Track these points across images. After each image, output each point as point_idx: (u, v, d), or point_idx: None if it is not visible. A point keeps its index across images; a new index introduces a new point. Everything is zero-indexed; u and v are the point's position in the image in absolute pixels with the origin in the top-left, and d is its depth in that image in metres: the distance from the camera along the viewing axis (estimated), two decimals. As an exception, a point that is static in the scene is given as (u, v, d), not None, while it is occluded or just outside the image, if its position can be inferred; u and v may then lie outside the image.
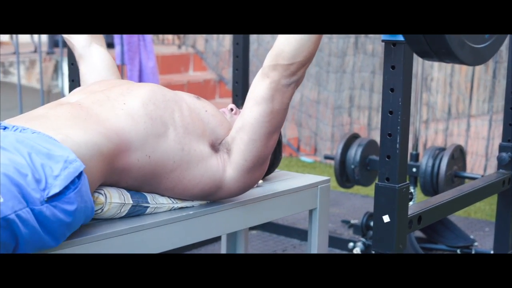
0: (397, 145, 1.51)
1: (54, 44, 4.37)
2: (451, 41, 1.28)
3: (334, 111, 4.77)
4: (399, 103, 1.50)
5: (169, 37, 5.70)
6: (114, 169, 1.45)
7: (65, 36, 1.91)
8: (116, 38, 3.78)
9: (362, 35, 4.63)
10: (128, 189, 1.53)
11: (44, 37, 4.37)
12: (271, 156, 1.87)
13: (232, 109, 1.81)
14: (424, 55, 1.37)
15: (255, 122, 1.58)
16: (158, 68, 4.78)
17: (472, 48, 1.37)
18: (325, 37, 4.71)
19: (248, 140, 1.59)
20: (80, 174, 1.29)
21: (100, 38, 1.91)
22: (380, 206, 1.55)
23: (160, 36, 5.73)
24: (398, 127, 1.51)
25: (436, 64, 4.64)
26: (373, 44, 4.58)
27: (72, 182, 1.26)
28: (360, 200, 3.76)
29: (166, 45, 5.67)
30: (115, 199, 1.48)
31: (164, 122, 1.52)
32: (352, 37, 4.68)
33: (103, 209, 1.46)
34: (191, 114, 1.58)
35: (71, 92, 1.64)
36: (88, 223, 1.42)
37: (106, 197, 1.46)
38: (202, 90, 5.10)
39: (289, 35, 1.52)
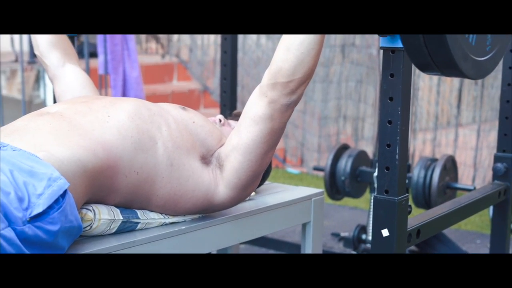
0: (397, 156, 1.48)
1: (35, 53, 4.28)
2: (455, 52, 1.24)
3: (321, 121, 4.73)
4: (398, 112, 1.46)
5: (153, 46, 5.63)
6: (100, 185, 1.38)
7: (38, 55, 1.85)
8: (100, 47, 3.71)
9: (348, 44, 4.59)
10: (117, 206, 1.46)
11: (26, 46, 4.28)
12: None
13: (220, 120, 1.76)
14: (425, 68, 1.32)
15: (252, 143, 1.52)
16: (142, 78, 4.72)
17: (474, 61, 1.32)
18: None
19: (243, 160, 1.53)
20: (65, 192, 1.22)
21: (73, 56, 1.85)
22: (379, 219, 1.50)
23: (144, 45, 5.66)
24: (398, 137, 1.47)
25: (423, 74, 4.61)
26: (360, 53, 4.55)
27: (56, 201, 1.20)
28: (349, 212, 3.71)
29: (149, 54, 5.60)
30: (104, 215, 1.41)
31: (152, 136, 1.46)
32: (338, 46, 4.64)
33: (91, 226, 1.40)
34: (179, 127, 1.52)
35: (54, 104, 1.57)
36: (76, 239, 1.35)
37: (94, 214, 1.40)
38: (186, 100, 5.03)
39: (287, 51, 1.44)
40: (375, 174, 2.88)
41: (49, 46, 1.81)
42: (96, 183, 1.36)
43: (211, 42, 5.22)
